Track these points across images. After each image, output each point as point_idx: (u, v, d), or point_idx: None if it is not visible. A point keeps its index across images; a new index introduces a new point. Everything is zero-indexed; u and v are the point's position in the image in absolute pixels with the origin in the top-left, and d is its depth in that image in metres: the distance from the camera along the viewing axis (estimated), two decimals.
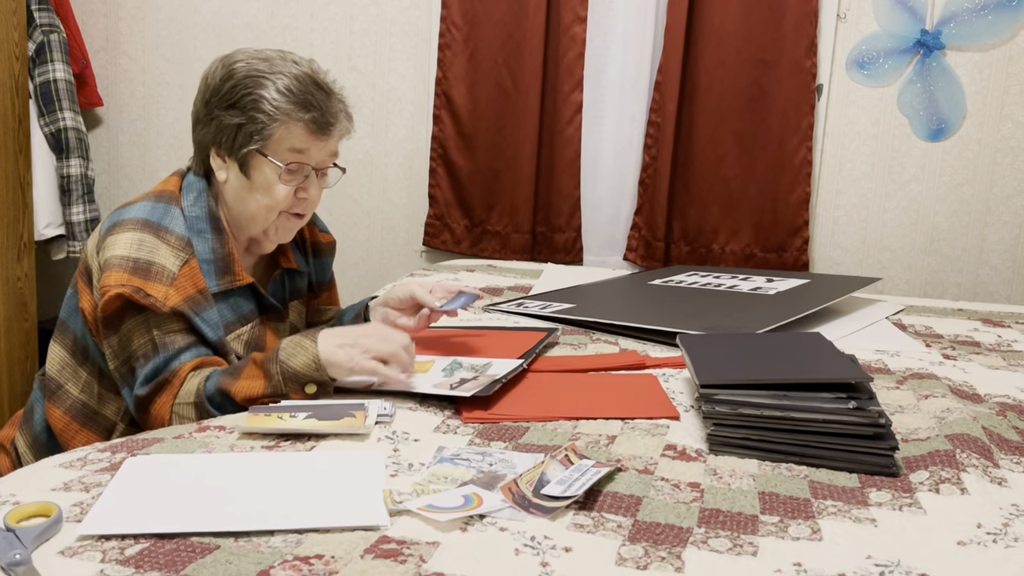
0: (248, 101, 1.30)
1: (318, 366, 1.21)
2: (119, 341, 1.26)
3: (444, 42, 2.71)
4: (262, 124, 1.29)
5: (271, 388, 1.21)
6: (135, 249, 1.25)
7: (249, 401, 1.21)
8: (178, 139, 3.06)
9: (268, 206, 1.34)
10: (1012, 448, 1.15)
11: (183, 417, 1.23)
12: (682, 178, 2.66)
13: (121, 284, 1.22)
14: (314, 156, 1.34)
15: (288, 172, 1.32)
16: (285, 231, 1.39)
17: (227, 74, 1.32)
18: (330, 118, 1.33)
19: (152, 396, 1.24)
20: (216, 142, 1.34)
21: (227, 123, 1.31)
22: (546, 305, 1.86)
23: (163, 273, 1.25)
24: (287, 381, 1.21)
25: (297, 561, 0.78)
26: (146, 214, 1.30)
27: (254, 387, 1.21)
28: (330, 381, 1.23)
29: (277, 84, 1.29)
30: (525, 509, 0.90)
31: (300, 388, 1.21)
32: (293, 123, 1.30)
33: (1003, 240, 2.56)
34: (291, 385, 1.21)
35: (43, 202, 2.70)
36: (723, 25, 2.55)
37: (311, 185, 1.36)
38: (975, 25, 2.47)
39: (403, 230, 2.94)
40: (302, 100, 1.30)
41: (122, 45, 3.04)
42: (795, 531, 0.89)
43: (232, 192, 1.35)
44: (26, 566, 0.75)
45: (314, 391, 1.22)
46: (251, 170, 1.33)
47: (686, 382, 1.39)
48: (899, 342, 1.71)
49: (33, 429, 1.39)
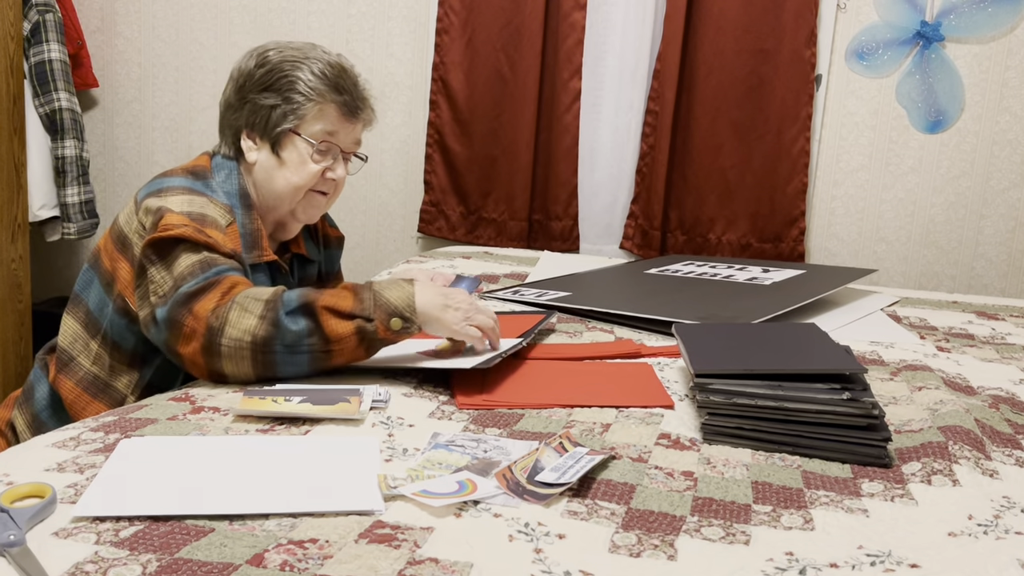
0: (284, 83, 1.37)
1: (410, 306, 1.21)
2: (166, 265, 1.24)
3: (442, 27, 2.70)
4: (297, 104, 1.37)
5: (360, 307, 1.19)
6: (187, 204, 1.30)
7: (331, 312, 1.18)
8: (173, 121, 3.05)
9: (297, 185, 1.39)
10: (1004, 440, 1.15)
11: (244, 310, 1.18)
12: (679, 167, 2.66)
13: (183, 224, 1.25)
14: (343, 139, 1.42)
15: (319, 152, 1.39)
16: (312, 209, 1.44)
17: (261, 61, 1.39)
18: (359, 103, 1.42)
19: (198, 293, 1.20)
20: (249, 124, 1.40)
21: (261, 104, 1.38)
22: (542, 293, 1.86)
23: (216, 224, 1.29)
24: (377, 307, 1.20)
25: (291, 545, 0.78)
26: (188, 183, 1.35)
27: (342, 301, 1.20)
28: (417, 326, 1.22)
29: (312, 68, 1.37)
30: (519, 495, 0.91)
31: (387, 318, 1.20)
32: (326, 104, 1.38)
33: (999, 233, 2.57)
34: (380, 313, 1.20)
35: (38, 183, 2.69)
36: (723, 14, 2.55)
37: (339, 166, 1.43)
38: (975, 17, 2.47)
39: (399, 216, 2.93)
40: (335, 83, 1.38)
41: (118, 26, 3.02)
42: (787, 520, 0.90)
43: (262, 172, 1.41)
44: (20, 547, 0.75)
45: (399, 327, 1.21)
46: (283, 149, 1.39)
47: (681, 371, 1.40)
48: (894, 334, 1.71)
49: (34, 407, 1.40)
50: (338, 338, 1.19)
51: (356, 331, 1.19)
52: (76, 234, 2.78)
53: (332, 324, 1.19)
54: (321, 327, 1.19)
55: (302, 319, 1.18)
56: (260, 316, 1.18)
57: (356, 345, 1.21)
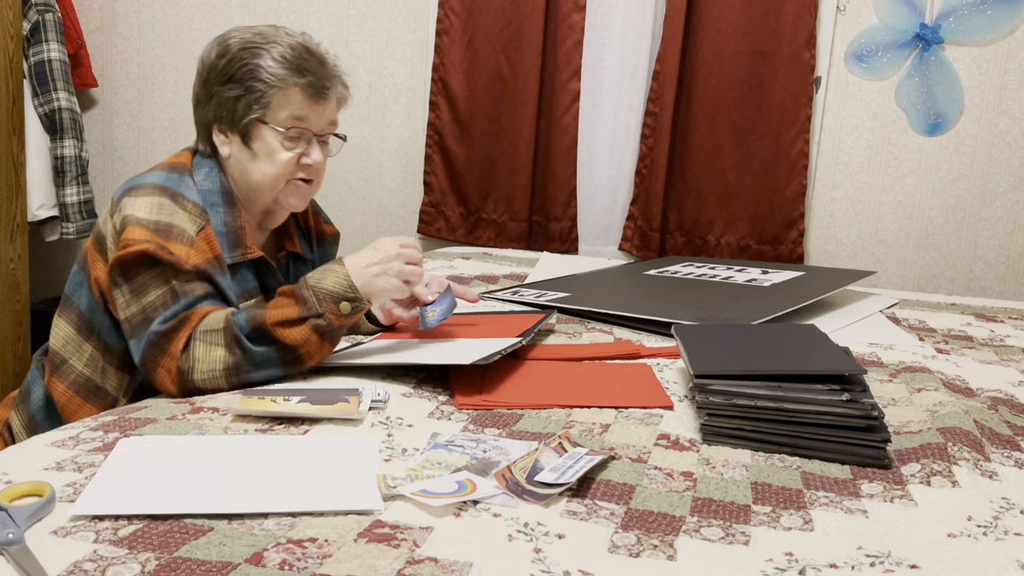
0: (244, 72, 1.33)
1: (351, 286, 1.24)
2: (132, 291, 1.25)
3: (442, 28, 2.70)
4: (260, 92, 1.33)
5: (305, 310, 1.22)
6: (155, 212, 1.27)
7: (282, 325, 1.21)
8: (173, 121, 3.04)
9: (273, 175, 1.36)
10: (1003, 442, 1.16)
11: (208, 344, 1.21)
12: (679, 169, 2.66)
13: (145, 240, 1.23)
14: (313, 122, 1.37)
15: (289, 139, 1.35)
16: (296, 197, 1.40)
17: (222, 51, 1.35)
18: (325, 82, 1.36)
19: (170, 334, 1.22)
20: (217, 118, 1.37)
21: (226, 97, 1.35)
22: (541, 294, 1.86)
23: (183, 236, 1.27)
24: (321, 301, 1.23)
25: (290, 544, 0.78)
26: (162, 181, 1.32)
27: (288, 311, 1.22)
28: (363, 302, 1.25)
29: (272, 53, 1.33)
30: (519, 495, 0.91)
31: (335, 305, 1.23)
32: (290, 89, 1.33)
33: (997, 235, 2.57)
34: (326, 304, 1.23)
35: (37, 183, 2.69)
36: (722, 16, 2.55)
37: (313, 151, 1.38)
38: (974, 20, 2.47)
39: (398, 217, 2.93)
40: (297, 66, 1.33)
41: (117, 26, 3.02)
42: (787, 521, 0.90)
43: (237, 165, 1.38)
44: (19, 545, 0.75)
45: (349, 310, 1.24)
46: (253, 140, 1.35)
47: (680, 372, 1.40)
48: (893, 335, 1.71)
49: (30, 408, 1.39)
50: (299, 343, 1.22)
51: (313, 330, 1.22)
52: (75, 234, 2.77)
53: (289, 334, 1.22)
54: (280, 341, 1.22)
55: (260, 341, 1.22)
56: (225, 345, 1.21)
57: (319, 341, 1.24)
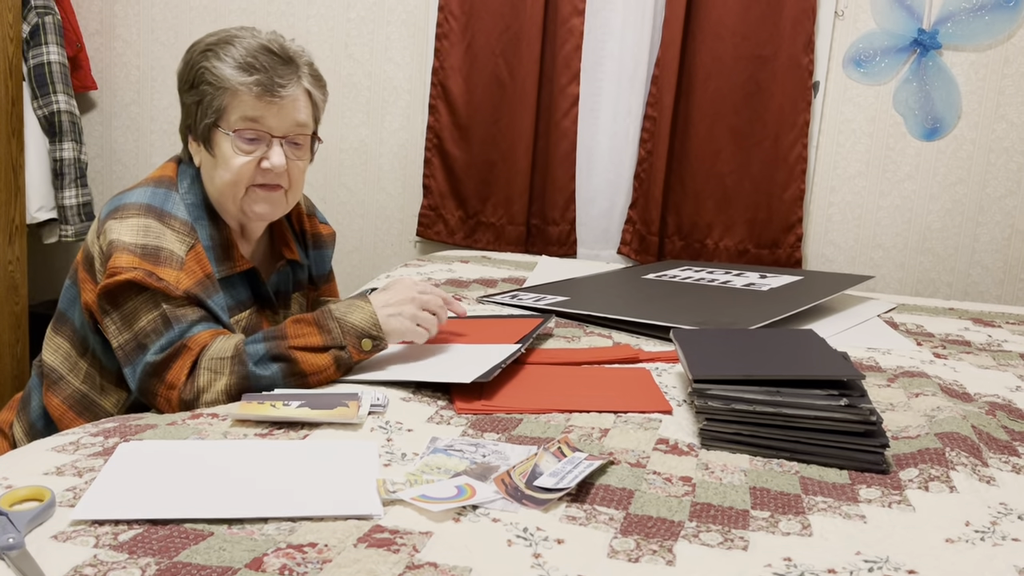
0: (199, 77, 1.30)
1: (376, 324, 1.26)
2: (123, 318, 1.22)
3: (441, 32, 2.71)
4: (210, 96, 1.29)
5: (329, 340, 1.24)
6: (142, 235, 1.24)
7: (304, 350, 1.22)
8: (172, 124, 3.04)
9: (229, 181, 1.30)
10: (1001, 447, 1.16)
11: (213, 372, 1.20)
12: (677, 173, 2.66)
13: (133, 267, 1.21)
14: (271, 124, 1.30)
15: (242, 140, 1.29)
16: (261, 205, 1.33)
17: (187, 57, 1.33)
18: (278, 80, 1.28)
19: (167, 362, 1.20)
20: (186, 126, 1.35)
21: (188, 104, 1.33)
22: (540, 297, 1.86)
23: (172, 258, 1.24)
24: (345, 334, 1.25)
25: (290, 549, 0.78)
26: (147, 199, 1.29)
27: (311, 338, 1.23)
28: (385, 342, 1.28)
29: (221, 54, 1.28)
30: (518, 500, 0.91)
31: (357, 342, 1.25)
32: (238, 89, 1.27)
33: (995, 240, 2.58)
34: (349, 339, 1.25)
35: (35, 185, 2.69)
36: (721, 20, 2.55)
37: (273, 153, 1.30)
38: (972, 25, 2.48)
39: (397, 220, 2.93)
40: (245, 65, 1.27)
41: (117, 28, 3.02)
42: (785, 526, 0.90)
43: (205, 173, 1.34)
44: (19, 550, 0.75)
45: (371, 347, 1.26)
46: (213, 147, 1.31)
47: (679, 376, 1.40)
48: (890, 340, 1.72)
49: (30, 416, 1.38)
50: (317, 370, 1.23)
51: (333, 361, 1.24)
52: (73, 236, 2.77)
53: (309, 359, 1.23)
54: (297, 364, 1.22)
55: (273, 365, 1.21)
56: (230, 374, 1.20)
57: (334, 371, 1.25)
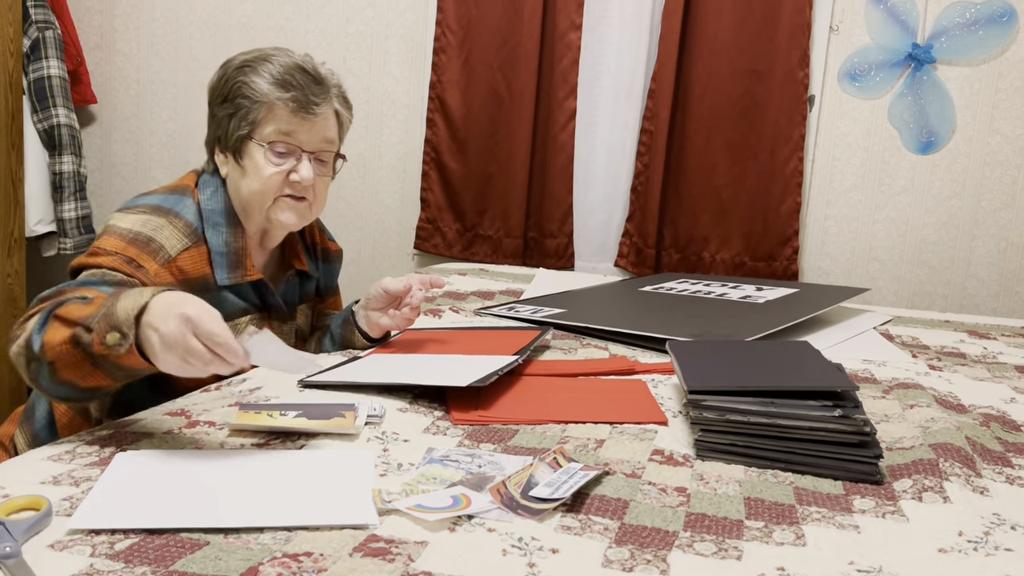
0: (235, 90, 1.36)
1: (129, 319, 0.98)
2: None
3: (439, 46, 2.72)
4: (246, 109, 1.35)
5: (89, 315, 1.01)
6: (139, 224, 1.28)
7: (61, 320, 1.03)
8: (171, 138, 3.06)
9: (258, 191, 1.36)
10: (995, 458, 1.16)
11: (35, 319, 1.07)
12: (674, 186, 2.68)
13: (115, 251, 1.22)
14: (303, 138, 1.37)
15: (275, 153, 1.35)
16: (288, 214, 1.39)
17: (221, 72, 1.40)
18: (313, 98, 1.35)
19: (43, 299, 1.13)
20: (216, 138, 1.40)
21: (220, 116, 1.38)
22: (537, 310, 1.87)
23: (160, 252, 1.27)
24: (104, 316, 1.00)
25: (286, 558, 0.78)
26: (159, 201, 1.34)
27: (82, 309, 1.03)
28: (130, 343, 0.98)
29: (259, 70, 1.35)
30: (513, 510, 0.91)
31: (106, 331, 0.98)
32: (275, 104, 1.34)
33: (990, 253, 2.59)
34: (102, 323, 0.99)
35: (35, 198, 2.70)
36: (717, 35, 2.57)
37: (303, 167, 1.37)
38: (966, 40, 2.50)
39: (395, 233, 2.94)
40: (282, 81, 1.34)
41: (117, 43, 3.04)
42: (779, 536, 0.90)
43: (232, 184, 1.40)
44: (16, 559, 0.75)
45: (114, 342, 0.98)
46: (242, 157, 1.37)
47: (675, 388, 1.40)
48: (886, 352, 1.72)
49: (33, 427, 1.38)
50: (49, 345, 1.02)
51: (70, 339, 1.01)
52: (72, 249, 2.78)
53: (51, 331, 1.03)
54: (44, 335, 1.03)
55: (39, 332, 1.05)
56: (34, 324, 1.06)
57: (78, 357, 1.01)
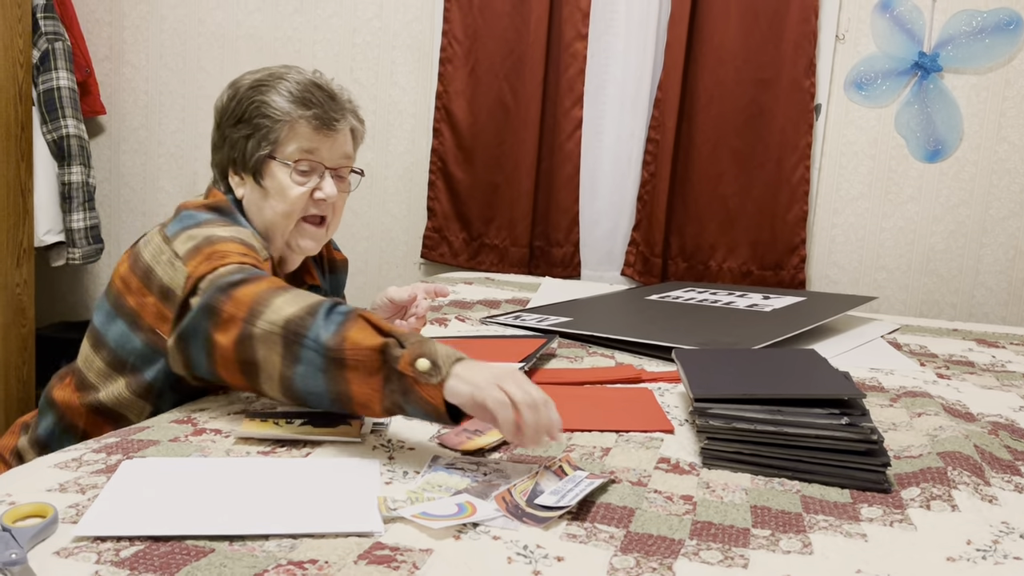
0: (252, 110, 1.34)
1: (449, 358, 1.01)
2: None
3: (445, 56, 2.74)
4: (267, 128, 1.33)
5: (398, 335, 1.03)
6: (235, 232, 1.27)
7: (368, 322, 1.05)
8: (179, 148, 3.07)
9: (284, 212, 1.35)
10: (1003, 467, 1.16)
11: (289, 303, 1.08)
12: (680, 195, 2.68)
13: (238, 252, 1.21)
14: (325, 155, 1.36)
15: (299, 172, 1.35)
16: (306, 238, 1.39)
17: (232, 93, 1.37)
18: (333, 114, 1.35)
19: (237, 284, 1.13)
20: (231, 160, 1.37)
21: (236, 138, 1.36)
22: (543, 318, 1.87)
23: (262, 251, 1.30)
24: (416, 343, 1.02)
25: (291, 566, 0.78)
26: (218, 217, 1.33)
27: (385, 323, 1.06)
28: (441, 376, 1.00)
29: (278, 88, 1.34)
30: (518, 518, 0.91)
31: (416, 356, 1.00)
32: (296, 122, 1.33)
33: (998, 261, 2.58)
34: (414, 348, 1.01)
35: (43, 209, 2.71)
36: (723, 44, 2.58)
37: (326, 184, 1.37)
38: (973, 48, 2.50)
39: (402, 242, 2.95)
40: (302, 99, 1.33)
41: (126, 54, 3.06)
42: (786, 545, 0.90)
43: (252, 206, 1.37)
44: (22, 566, 0.75)
45: (425, 368, 1.00)
46: (264, 178, 1.35)
47: (681, 396, 1.40)
48: (894, 361, 1.72)
49: (40, 439, 1.37)
50: (356, 346, 1.03)
51: (380, 348, 1.02)
52: (81, 259, 2.79)
53: (359, 333, 1.04)
54: (346, 330, 1.04)
55: (334, 323, 1.06)
56: (302, 307, 1.08)
57: (376, 366, 1.02)
